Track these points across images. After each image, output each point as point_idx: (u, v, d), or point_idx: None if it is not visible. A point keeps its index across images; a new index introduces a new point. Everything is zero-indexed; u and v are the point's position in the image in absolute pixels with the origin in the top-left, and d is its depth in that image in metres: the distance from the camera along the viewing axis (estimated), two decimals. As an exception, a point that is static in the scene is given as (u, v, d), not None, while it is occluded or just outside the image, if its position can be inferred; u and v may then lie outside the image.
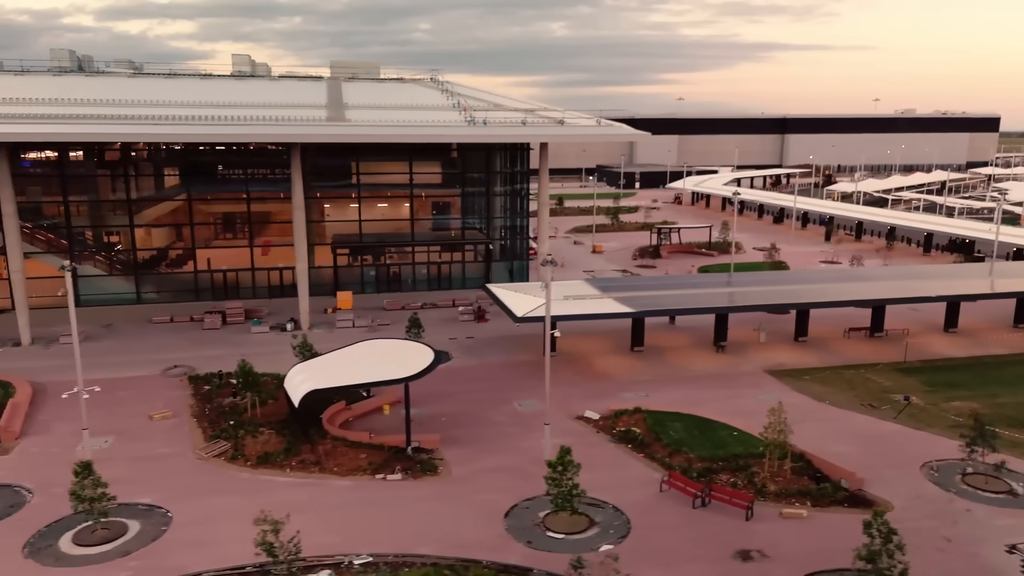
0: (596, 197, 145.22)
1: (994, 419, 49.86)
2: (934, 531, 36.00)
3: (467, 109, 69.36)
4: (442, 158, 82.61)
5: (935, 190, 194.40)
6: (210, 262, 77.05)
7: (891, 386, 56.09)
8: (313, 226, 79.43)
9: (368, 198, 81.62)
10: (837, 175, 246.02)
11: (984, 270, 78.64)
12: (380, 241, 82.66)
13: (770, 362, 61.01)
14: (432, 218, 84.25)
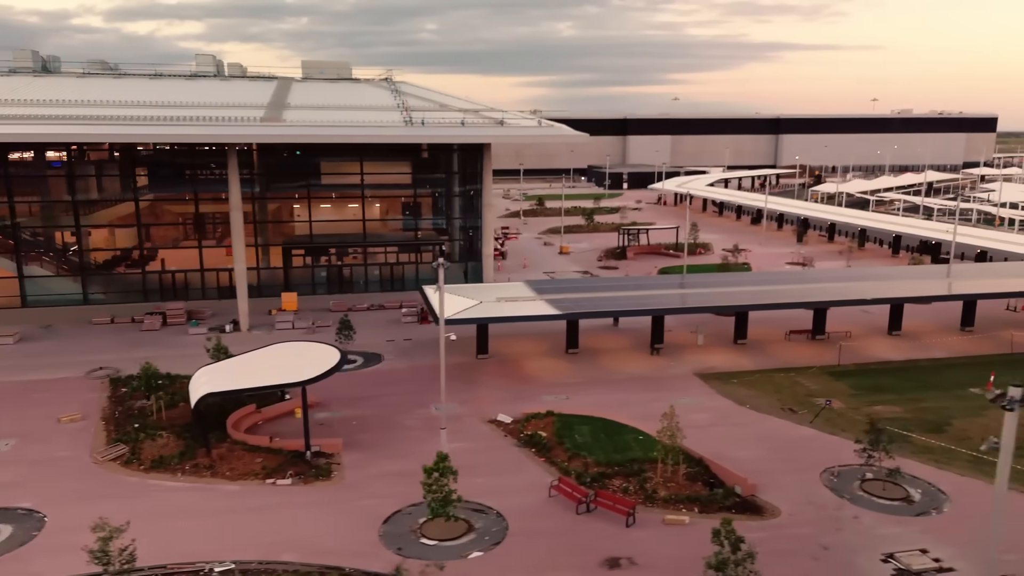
0: (564, 198, 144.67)
1: (911, 423, 49.41)
2: (814, 538, 35.45)
3: (408, 109, 69.01)
4: (395, 159, 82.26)
5: (921, 191, 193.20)
6: (164, 263, 77.03)
7: (818, 390, 55.47)
8: (264, 227, 79.36)
9: (319, 199, 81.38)
10: (829, 176, 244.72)
11: (940, 272, 77.88)
12: (331, 242, 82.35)
13: (703, 365, 60.44)
14: (385, 219, 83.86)
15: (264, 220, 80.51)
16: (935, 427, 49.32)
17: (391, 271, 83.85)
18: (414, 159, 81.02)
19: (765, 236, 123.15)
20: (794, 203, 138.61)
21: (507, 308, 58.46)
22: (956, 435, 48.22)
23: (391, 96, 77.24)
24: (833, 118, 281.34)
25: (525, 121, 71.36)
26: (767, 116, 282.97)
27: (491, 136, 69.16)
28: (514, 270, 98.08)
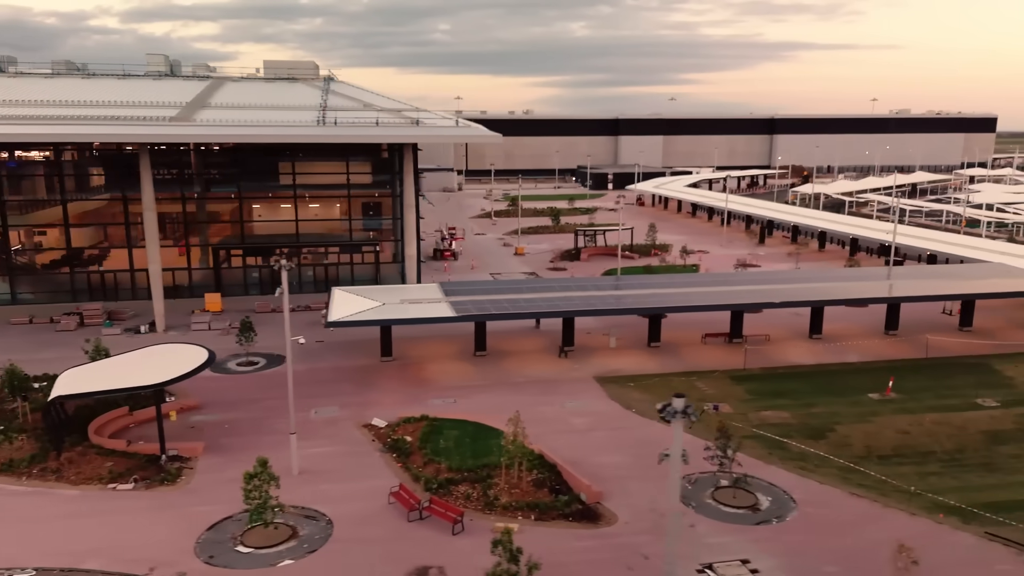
0: (541, 199, 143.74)
1: (793, 429, 48.58)
2: (639, 548, 34.72)
3: (328, 109, 68.58)
4: (328, 160, 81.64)
5: (906, 192, 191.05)
6: (97, 263, 77.14)
7: (714, 394, 54.59)
8: (197, 227, 79.21)
9: (252, 199, 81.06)
10: (820, 176, 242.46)
11: (876, 274, 76.69)
12: (263, 243, 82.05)
13: (607, 368, 59.63)
14: (317, 219, 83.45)
15: (197, 221, 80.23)
16: (817, 433, 48.37)
17: (325, 272, 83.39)
18: (347, 160, 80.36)
19: (727, 237, 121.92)
20: (758, 204, 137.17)
21: (402, 310, 57.88)
22: (836, 442, 47.30)
23: (320, 96, 76.80)
24: (829, 118, 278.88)
25: (443, 122, 70.67)
26: (761, 116, 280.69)
27: (399, 135, 68.51)
28: (462, 271, 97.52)
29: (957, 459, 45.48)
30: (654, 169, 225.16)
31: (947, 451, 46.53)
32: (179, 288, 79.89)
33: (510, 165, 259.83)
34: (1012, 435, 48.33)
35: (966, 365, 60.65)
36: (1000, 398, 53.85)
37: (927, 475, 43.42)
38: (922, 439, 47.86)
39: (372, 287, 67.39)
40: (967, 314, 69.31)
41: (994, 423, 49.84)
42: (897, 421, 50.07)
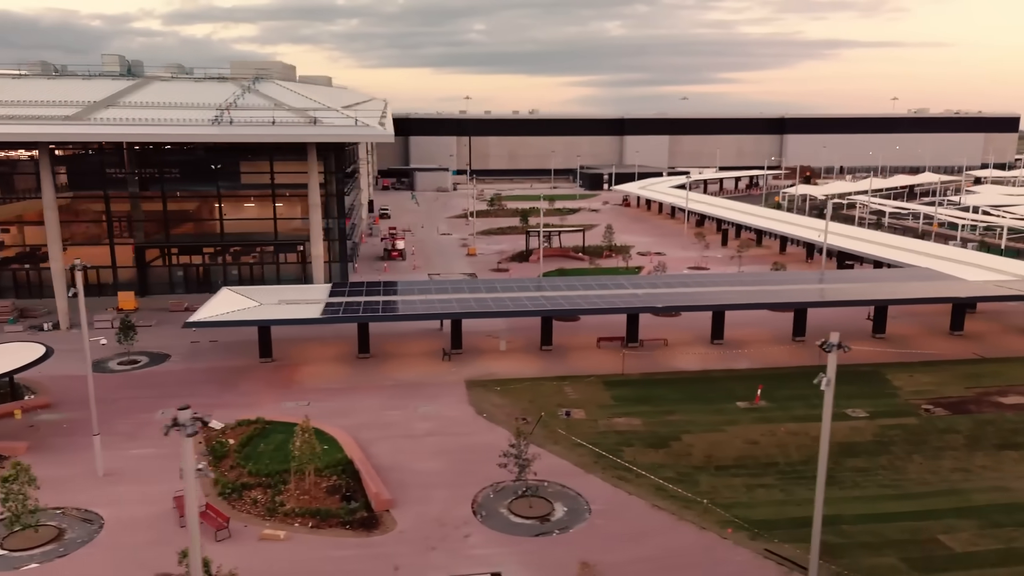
0: (508, 199, 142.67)
1: (637, 437, 47.58)
2: (396, 558, 33.90)
3: (234, 108, 68.50)
4: (258, 159, 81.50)
5: (903, 194, 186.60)
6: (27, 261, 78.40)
7: (578, 399, 53.45)
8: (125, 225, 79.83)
9: (176, 198, 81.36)
10: (827, 177, 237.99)
11: (813, 278, 74.68)
12: (186, 242, 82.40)
13: (484, 371, 58.72)
14: (242, 219, 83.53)
15: (120, 219, 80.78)
16: (660, 442, 47.03)
17: (251, 271, 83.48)
18: (277, 159, 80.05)
19: (690, 239, 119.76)
20: (724, 204, 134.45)
21: (270, 311, 57.50)
22: (677, 451, 46.01)
23: (238, 95, 76.73)
24: (841, 118, 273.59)
25: (340, 121, 70.06)
26: (771, 116, 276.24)
27: (292, 135, 67.97)
28: (403, 271, 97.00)
29: (799, 471, 43.86)
30: (653, 169, 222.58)
31: (791, 463, 44.94)
32: (103, 286, 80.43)
33: (514, 165, 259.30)
34: (866, 447, 46.54)
35: (858, 374, 58.60)
36: (872, 409, 51.95)
37: (756, 487, 41.99)
38: (770, 450, 46.28)
39: (261, 287, 67.27)
40: (880, 321, 67.03)
41: (852, 434, 48.06)
42: (752, 431, 48.50)
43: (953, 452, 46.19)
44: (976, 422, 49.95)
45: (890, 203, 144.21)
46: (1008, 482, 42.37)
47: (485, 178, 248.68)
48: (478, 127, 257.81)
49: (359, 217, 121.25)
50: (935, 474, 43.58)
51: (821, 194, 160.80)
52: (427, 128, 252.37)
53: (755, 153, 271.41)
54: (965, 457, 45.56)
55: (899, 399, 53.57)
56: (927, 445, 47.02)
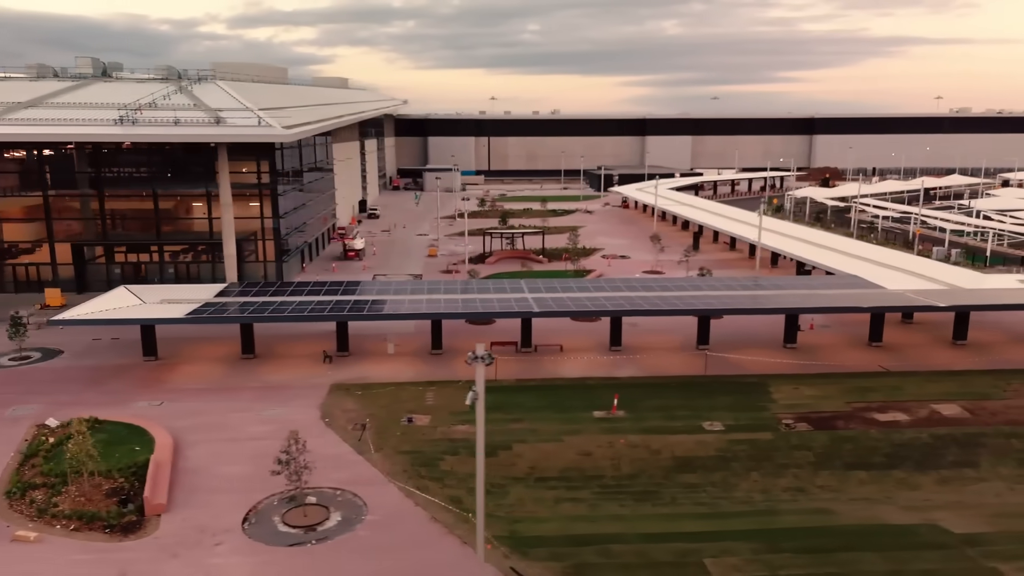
0: (512, 199, 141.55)
1: (467, 445, 46.30)
2: (125, 564, 33.39)
3: (146, 109, 69.20)
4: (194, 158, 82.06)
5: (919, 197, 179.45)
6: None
7: (433, 405, 52.56)
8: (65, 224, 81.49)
9: (115, 197, 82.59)
10: (852, 178, 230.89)
11: (735, 285, 72.27)
12: (122, 240, 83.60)
13: (358, 375, 58.11)
14: (176, 217, 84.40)
15: (62, 218, 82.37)
16: (490, 451, 45.12)
17: (187, 269, 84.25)
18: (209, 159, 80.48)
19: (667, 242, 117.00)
20: (704, 206, 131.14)
21: (135, 311, 57.69)
22: (503, 461, 44.80)
23: (165, 95, 77.48)
24: (875, 118, 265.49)
25: (243, 121, 70.04)
26: (800, 116, 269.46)
27: (192, 135, 68.41)
28: (352, 271, 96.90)
29: (622, 485, 42.22)
30: (666, 170, 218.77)
31: (617, 476, 43.26)
32: (44, 283, 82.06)
33: (532, 165, 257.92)
34: (705, 463, 44.53)
35: (742, 384, 56.33)
36: (732, 422, 49.75)
37: (565, 501, 40.59)
38: (600, 462, 44.64)
39: (159, 286, 67.85)
40: (791, 330, 64.32)
41: (696, 448, 46.06)
42: (592, 441, 46.89)
43: (796, 470, 43.90)
44: (835, 439, 47.43)
45: (894, 207, 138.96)
46: (836, 504, 40.07)
47: (504, 179, 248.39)
48: (497, 127, 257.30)
49: (333, 217, 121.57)
50: (764, 493, 41.44)
51: (823, 197, 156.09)
52: (445, 128, 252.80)
53: (782, 154, 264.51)
54: (807, 476, 43.26)
55: (767, 412, 51.20)
56: (771, 462, 44.79)
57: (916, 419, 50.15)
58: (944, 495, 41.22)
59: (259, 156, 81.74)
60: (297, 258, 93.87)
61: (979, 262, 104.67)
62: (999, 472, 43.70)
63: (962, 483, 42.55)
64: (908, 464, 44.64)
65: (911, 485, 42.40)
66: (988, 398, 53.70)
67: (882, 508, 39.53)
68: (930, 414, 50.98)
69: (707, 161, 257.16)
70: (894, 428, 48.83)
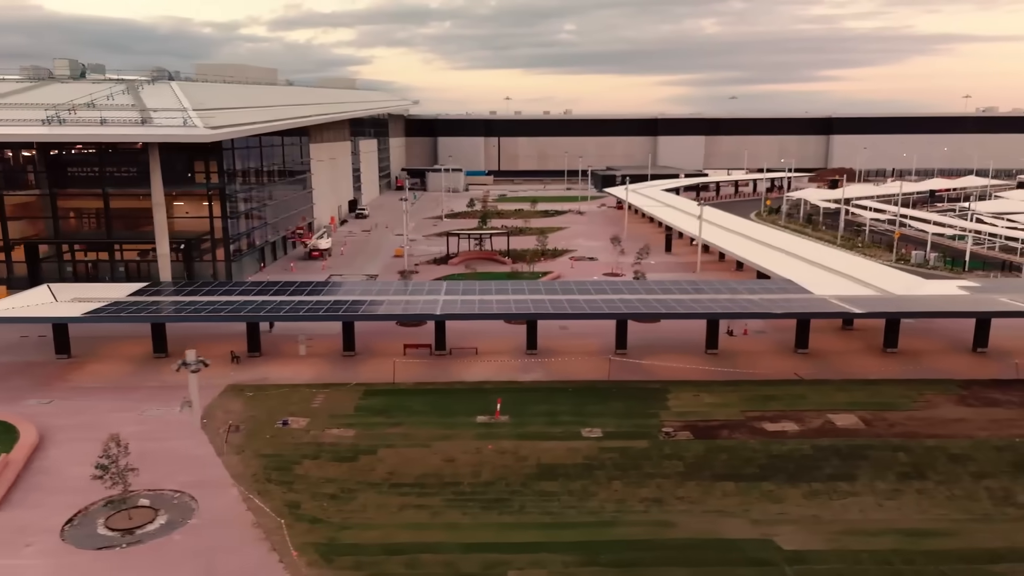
0: (509, 199, 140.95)
1: (328, 449, 46.26)
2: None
3: (74, 109, 69.90)
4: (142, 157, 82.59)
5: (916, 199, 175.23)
6: None
7: (318, 408, 52.22)
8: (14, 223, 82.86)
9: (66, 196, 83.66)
10: (867, 179, 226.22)
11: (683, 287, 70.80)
12: (74, 238, 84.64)
13: (258, 376, 58.04)
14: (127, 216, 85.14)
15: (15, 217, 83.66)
16: (352, 455, 45.42)
17: (138, 268, 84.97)
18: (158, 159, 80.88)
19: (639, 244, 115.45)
20: (681, 207, 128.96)
21: (38, 310, 58.12)
22: (363, 466, 44.34)
23: (110, 95, 78.24)
24: (896, 117, 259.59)
25: (169, 122, 70.27)
26: (817, 115, 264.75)
27: (114, 135, 68.79)
28: (311, 271, 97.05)
29: (477, 493, 41.44)
30: (672, 171, 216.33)
31: (475, 483, 42.45)
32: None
33: (543, 166, 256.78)
34: (569, 471, 43.50)
35: (640, 390, 55.09)
36: (613, 428, 48.59)
37: (410, 508, 39.97)
38: (463, 468, 43.85)
39: (81, 284, 68.23)
40: (712, 336, 62.81)
41: (565, 456, 45.06)
42: (460, 447, 46.15)
43: (661, 480, 42.66)
44: (712, 449, 46.01)
45: (889, 208, 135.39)
46: (683, 516, 38.86)
47: (514, 179, 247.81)
48: (508, 128, 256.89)
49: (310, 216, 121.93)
50: (619, 503, 40.34)
51: (818, 199, 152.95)
52: (455, 129, 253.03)
53: (798, 155, 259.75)
54: (670, 486, 42.00)
55: (654, 420, 49.86)
56: (638, 471, 43.59)
57: (805, 429, 48.47)
58: (805, 509, 39.71)
59: (207, 156, 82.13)
60: (254, 257, 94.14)
61: (957, 266, 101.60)
62: (874, 487, 41.99)
63: (830, 497, 40.95)
64: (780, 476, 43.10)
65: (775, 498, 40.89)
66: (893, 408, 51.73)
67: (729, 522, 38.16)
68: (823, 424, 49.25)
69: (721, 162, 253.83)
70: (778, 438, 47.24)
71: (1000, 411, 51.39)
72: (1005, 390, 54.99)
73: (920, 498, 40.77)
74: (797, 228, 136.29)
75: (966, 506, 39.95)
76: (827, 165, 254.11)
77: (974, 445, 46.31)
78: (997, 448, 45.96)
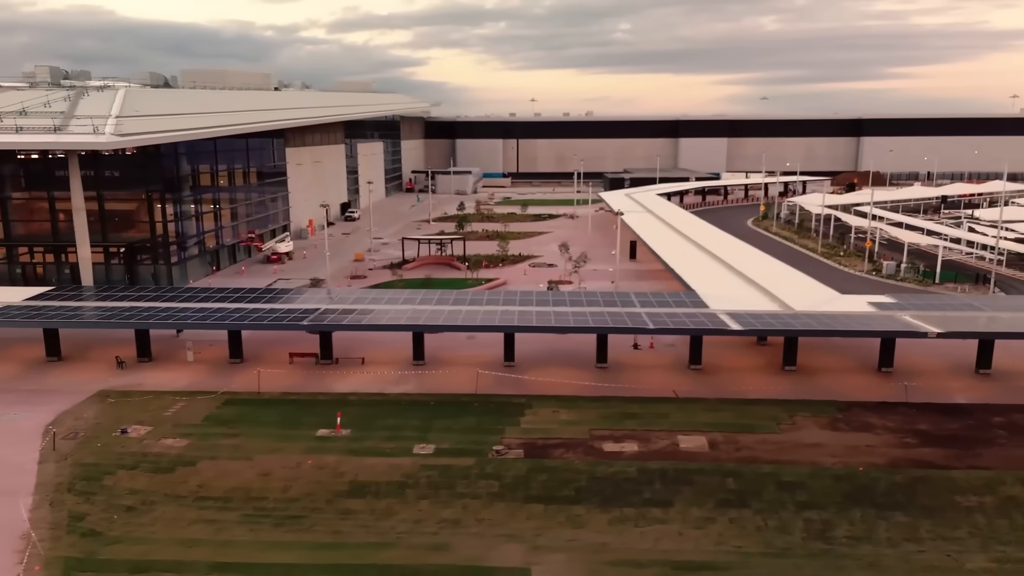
0: (511, 202, 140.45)
1: (155, 459, 46.49)
2: None
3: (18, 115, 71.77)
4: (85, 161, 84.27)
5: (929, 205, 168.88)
6: None
7: (171, 415, 52.47)
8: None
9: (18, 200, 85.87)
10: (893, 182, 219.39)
11: (593, 300, 69.43)
12: (23, 240, 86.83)
13: (133, 382, 58.62)
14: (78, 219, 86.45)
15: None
16: (170, 467, 45.38)
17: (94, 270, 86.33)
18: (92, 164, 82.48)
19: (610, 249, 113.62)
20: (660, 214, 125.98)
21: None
22: (174, 479, 44.27)
23: (44, 104, 79.86)
24: (931, 119, 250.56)
25: (80, 130, 71.30)
26: (846, 117, 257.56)
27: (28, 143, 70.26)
28: (265, 275, 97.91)
29: (277, 509, 40.99)
30: (688, 174, 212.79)
31: (281, 499, 42.07)
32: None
33: (562, 168, 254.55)
34: (381, 488, 42.79)
35: (501, 404, 54.06)
36: (449, 445, 47.74)
37: (198, 523, 39.67)
38: (275, 483, 43.51)
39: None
40: (602, 350, 61.34)
41: (385, 473, 44.37)
42: (284, 461, 45.84)
43: (470, 500, 41.70)
44: (535, 468, 44.80)
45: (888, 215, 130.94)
46: (467, 541, 37.91)
47: (533, 181, 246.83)
48: (527, 130, 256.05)
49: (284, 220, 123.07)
50: (415, 523, 39.57)
51: (815, 204, 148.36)
52: (474, 131, 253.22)
53: (828, 157, 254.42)
54: (476, 507, 41.00)
55: (495, 437, 48.78)
56: (451, 491, 42.67)
57: (644, 451, 46.87)
58: (599, 536, 38.35)
59: (146, 161, 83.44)
60: (204, 260, 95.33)
61: (928, 277, 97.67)
62: (688, 514, 40.32)
63: (635, 524, 39.45)
64: (595, 500, 41.73)
65: (578, 523, 39.61)
66: (752, 431, 49.70)
67: (507, 548, 37.08)
68: (666, 446, 47.57)
69: (745, 164, 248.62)
70: (609, 459, 45.76)
71: (865, 436, 48.94)
72: (884, 414, 52.34)
73: (728, 528, 38.96)
74: (786, 235, 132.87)
75: (770, 538, 38.02)
76: (856, 168, 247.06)
77: (812, 473, 44.13)
78: (835, 477, 43.71)
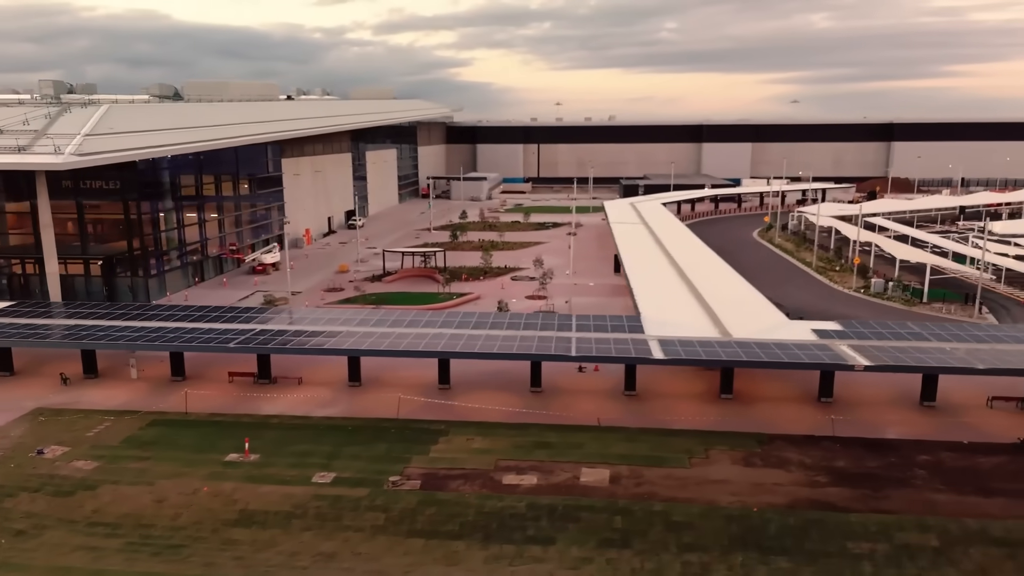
0: (520, 209, 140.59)
1: (62, 482, 47.59)
2: None
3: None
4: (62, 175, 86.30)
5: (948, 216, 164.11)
6: None
7: (93, 436, 53.40)
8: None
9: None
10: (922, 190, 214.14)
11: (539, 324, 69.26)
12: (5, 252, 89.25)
13: (71, 399, 59.85)
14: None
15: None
16: (72, 490, 46.34)
17: (72, 282, 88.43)
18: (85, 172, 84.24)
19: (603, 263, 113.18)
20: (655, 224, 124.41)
21: None
22: (71, 503, 45.15)
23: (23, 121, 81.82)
24: (964, 123, 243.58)
25: (42, 149, 72.83)
26: (877, 121, 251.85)
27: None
28: (245, 287, 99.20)
29: (159, 538, 41.48)
30: (710, 180, 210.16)
31: (168, 527, 42.67)
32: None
33: (583, 173, 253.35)
34: (268, 518, 43.09)
35: (419, 431, 53.93)
36: (351, 474, 47.89)
37: (79, 550, 40.51)
38: (167, 510, 44.14)
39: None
40: (536, 375, 60.98)
41: (277, 502, 44.66)
42: (184, 486, 46.44)
43: (353, 533, 41.80)
44: (426, 502, 44.67)
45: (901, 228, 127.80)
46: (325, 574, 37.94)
47: (554, 186, 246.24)
48: (548, 135, 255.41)
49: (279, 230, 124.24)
50: (289, 557, 39.84)
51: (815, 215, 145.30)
52: (495, 136, 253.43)
53: (857, 163, 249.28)
54: (357, 541, 41.04)
55: (400, 465, 48.78)
56: (336, 523, 42.90)
57: (542, 484, 46.46)
58: (470, 575, 38.14)
59: (122, 175, 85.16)
60: (184, 273, 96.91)
61: (916, 295, 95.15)
62: (567, 553, 39.92)
63: (511, 562, 39.18)
64: (477, 535, 41.55)
65: (452, 560, 39.50)
66: (661, 464, 48.94)
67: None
68: (566, 480, 47.10)
69: (770, 170, 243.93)
70: (504, 493, 45.48)
71: (775, 473, 47.85)
72: (806, 448, 51.14)
73: (602, 569, 38.47)
74: (787, 247, 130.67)
75: (637, 582, 37.41)
76: (887, 174, 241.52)
77: (704, 512, 43.30)
78: (727, 518, 42.81)
